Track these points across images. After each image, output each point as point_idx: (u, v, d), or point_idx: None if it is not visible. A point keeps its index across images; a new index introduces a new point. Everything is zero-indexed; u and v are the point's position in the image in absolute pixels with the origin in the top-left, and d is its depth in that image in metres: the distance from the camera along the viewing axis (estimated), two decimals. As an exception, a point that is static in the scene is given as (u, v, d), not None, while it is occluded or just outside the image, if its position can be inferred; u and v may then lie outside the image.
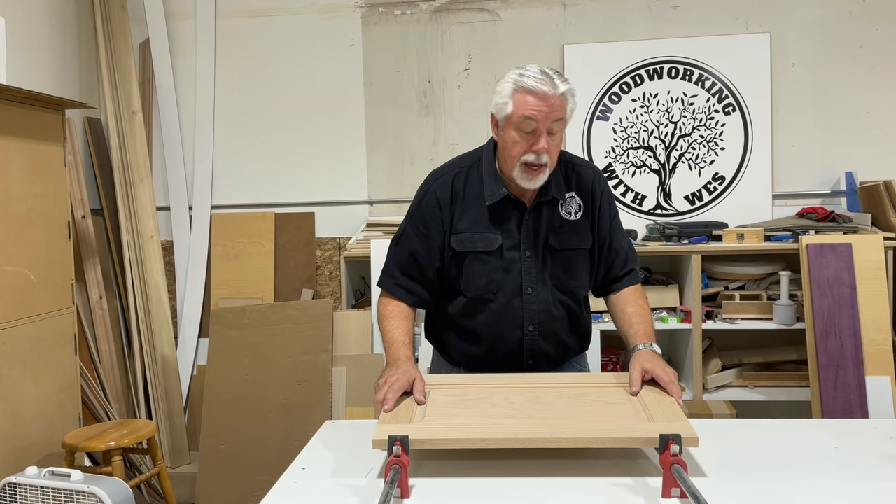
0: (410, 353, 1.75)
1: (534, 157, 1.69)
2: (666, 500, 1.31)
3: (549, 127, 1.67)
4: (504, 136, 1.73)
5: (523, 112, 1.66)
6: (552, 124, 1.68)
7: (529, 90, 1.66)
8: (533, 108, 1.65)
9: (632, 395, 1.64)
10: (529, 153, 1.69)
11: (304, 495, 1.40)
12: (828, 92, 3.47)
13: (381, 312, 1.86)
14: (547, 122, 1.66)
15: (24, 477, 2.23)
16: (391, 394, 1.59)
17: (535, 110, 1.65)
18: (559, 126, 1.69)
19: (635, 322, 1.81)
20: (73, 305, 2.99)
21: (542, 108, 1.65)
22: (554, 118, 1.67)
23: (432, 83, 3.70)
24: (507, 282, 1.80)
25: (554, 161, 1.73)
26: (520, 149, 1.70)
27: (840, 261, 2.96)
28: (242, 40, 3.78)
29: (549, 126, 1.67)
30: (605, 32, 3.58)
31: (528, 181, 1.72)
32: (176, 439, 3.58)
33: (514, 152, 1.71)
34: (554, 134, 1.69)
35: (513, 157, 1.71)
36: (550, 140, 1.69)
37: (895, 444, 1.57)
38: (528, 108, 1.66)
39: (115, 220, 3.61)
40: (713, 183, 3.52)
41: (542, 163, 1.69)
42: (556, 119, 1.67)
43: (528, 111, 1.66)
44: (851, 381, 2.86)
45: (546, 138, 1.68)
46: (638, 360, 1.71)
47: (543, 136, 1.67)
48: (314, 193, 3.78)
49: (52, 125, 2.90)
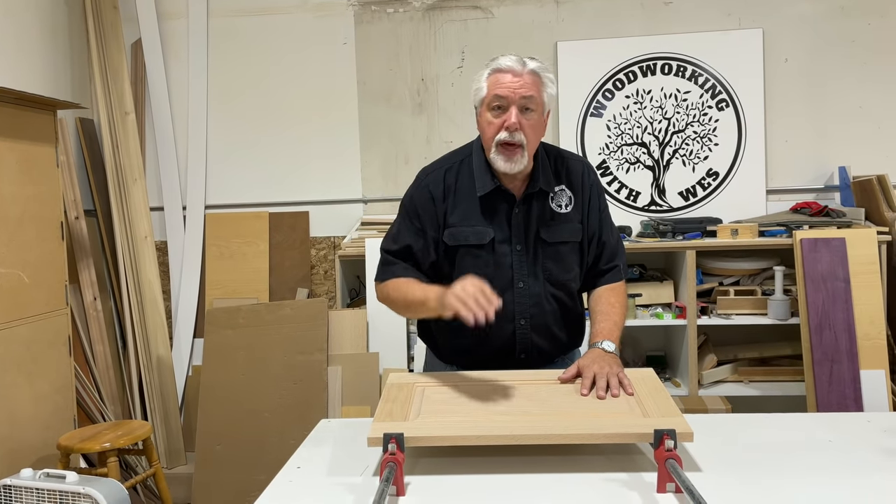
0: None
1: (506, 134, 1.69)
2: (661, 495, 1.31)
3: (521, 104, 1.68)
4: (481, 122, 1.76)
5: (494, 91, 1.70)
6: (524, 101, 1.69)
7: (499, 69, 1.71)
8: (501, 85, 1.69)
9: (560, 381, 1.69)
10: (502, 131, 1.70)
11: (299, 494, 1.40)
12: (821, 87, 3.48)
13: (391, 290, 1.80)
14: (516, 97, 1.68)
15: (18, 479, 2.22)
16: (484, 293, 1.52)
17: (503, 86, 1.69)
18: (533, 104, 1.70)
19: (598, 320, 1.82)
20: (66, 307, 2.98)
21: (510, 84, 1.68)
22: (524, 94, 1.68)
23: (426, 81, 3.70)
24: (499, 276, 1.80)
25: (532, 143, 1.73)
26: (493, 129, 1.71)
27: (834, 255, 2.96)
28: (235, 39, 3.77)
29: (520, 103, 1.68)
30: (598, 29, 3.58)
31: (505, 162, 1.72)
32: (172, 440, 3.57)
33: (490, 133, 1.73)
34: (529, 111, 1.70)
35: (489, 138, 1.73)
36: (524, 119, 1.69)
37: (889, 438, 1.58)
38: (498, 85, 1.69)
39: (109, 220, 3.59)
40: (707, 179, 3.53)
41: (516, 141, 1.70)
42: (525, 95, 1.68)
43: (497, 89, 1.69)
44: (846, 375, 2.87)
45: (518, 115, 1.68)
46: (581, 358, 1.73)
47: (514, 112, 1.68)
48: (308, 192, 3.77)
49: (43, 126, 2.89)
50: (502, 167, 1.73)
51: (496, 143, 1.71)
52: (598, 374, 1.64)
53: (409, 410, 1.56)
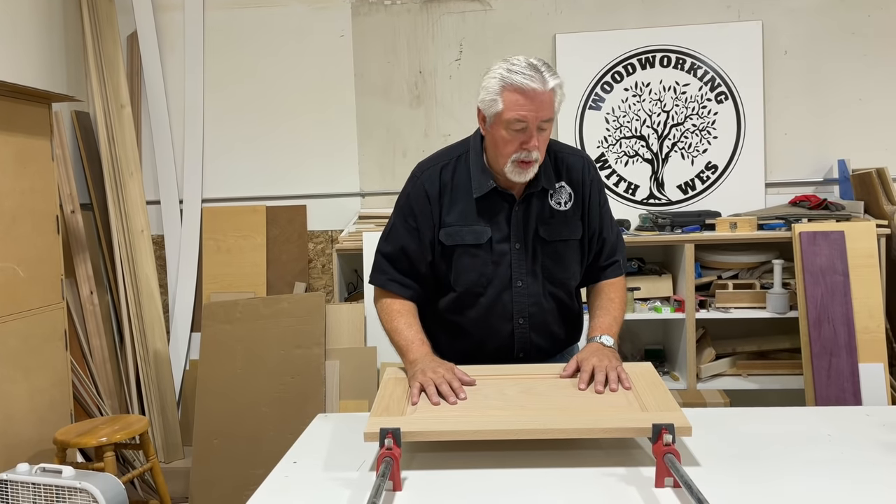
0: (430, 349, 1.75)
1: (525, 154, 1.68)
2: (659, 489, 1.31)
3: (540, 125, 1.67)
4: (493, 134, 1.71)
5: (514, 114, 1.64)
6: (544, 123, 1.67)
7: (518, 88, 1.63)
8: (523, 109, 1.64)
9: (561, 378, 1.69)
10: (521, 151, 1.68)
11: (295, 489, 1.39)
12: (820, 79, 3.46)
13: (386, 311, 1.83)
14: (537, 121, 1.66)
15: (15, 474, 2.22)
16: (454, 383, 1.60)
17: (525, 111, 1.64)
18: (549, 122, 1.69)
19: (597, 315, 1.83)
20: (63, 301, 2.97)
21: (531, 109, 1.64)
22: (544, 118, 1.66)
23: (423, 74, 3.68)
24: (497, 275, 1.79)
25: (543, 155, 1.73)
26: (511, 148, 1.69)
27: (833, 249, 2.96)
28: (231, 32, 3.74)
29: (540, 125, 1.67)
30: (596, 21, 3.56)
31: (519, 175, 1.72)
32: (169, 434, 3.56)
33: (506, 151, 1.70)
34: (544, 130, 1.69)
35: (504, 155, 1.70)
36: (541, 137, 1.68)
37: (888, 431, 1.57)
38: (519, 108, 1.64)
39: (105, 214, 3.58)
40: (706, 172, 3.52)
41: (533, 159, 1.69)
42: (546, 119, 1.67)
43: (518, 113, 1.64)
44: (845, 369, 2.86)
45: (536, 135, 1.67)
46: (580, 352, 1.73)
47: (534, 134, 1.67)
48: (305, 186, 3.75)
49: (39, 119, 2.87)
50: (517, 180, 1.73)
51: (513, 160, 1.69)
52: (597, 368, 1.63)
53: (406, 405, 1.55)
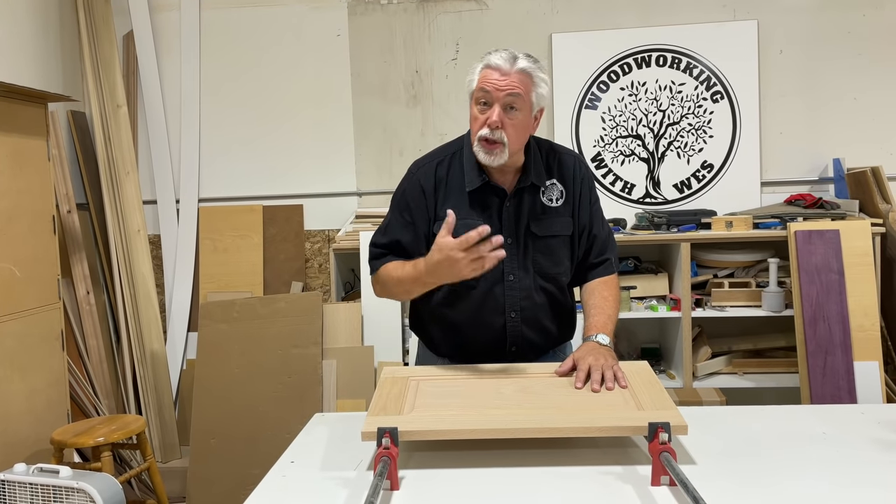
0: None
1: (487, 131, 1.69)
2: (655, 487, 1.31)
3: (506, 102, 1.68)
4: (469, 115, 1.76)
5: (480, 85, 1.70)
6: (509, 99, 1.68)
7: (490, 65, 1.70)
8: (487, 80, 1.68)
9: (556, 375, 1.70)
10: (484, 127, 1.70)
11: (292, 489, 1.39)
12: (815, 79, 3.48)
13: (386, 276, 1.81)
14: (501, 95, 1.67)
15: (12, 474, 2.21)
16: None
17: (488, 82, 1.68)
18: (519, 103, 1.69)
19: (592, 314, 1.83)
20: (59, 301, 2.97)
21: (496, 81, 1.67)
22: (509, 92, 1.67)
23: (420, 73, 3.68)
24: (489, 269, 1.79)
25: (514, 142, 1.72)
26: (477, 124, 1.72)
27: (828, 247, 2.97)
28: (228, 32, 3.74)
29: (505, 101, 1.68)
30: (592, 20, 3.56)
31: (486, 157, 1.73)
32: (166, 434, 3.56)
33: (474, 128, 1.74)
34: (514, 110, 1.69)
35: (473, 132, 1.74)
36: (508, 118, 1.69)
37: (883, 430, 1.58)
38: (484, 80, 1.69)
39: (102, 214, 3.57)
40: (702, 171, 3.52)
41: (496, 139, 1.70)
42: (511, 93, 1.67)
43: (483, 83, 1.69)
44: (840, 367, 2.88)
45: (500, 113, 1.68)
46: (576, 351, 1.73)
47: (497, 109, 1.68)
48: (302, 185, 3.75)
49: (34, 119, 2.87)
50: (483, 160, 1.74)
51: (478, 137, 1.72)
52: (593, 367, 1.64)
53: (404, 404, 1.55)
